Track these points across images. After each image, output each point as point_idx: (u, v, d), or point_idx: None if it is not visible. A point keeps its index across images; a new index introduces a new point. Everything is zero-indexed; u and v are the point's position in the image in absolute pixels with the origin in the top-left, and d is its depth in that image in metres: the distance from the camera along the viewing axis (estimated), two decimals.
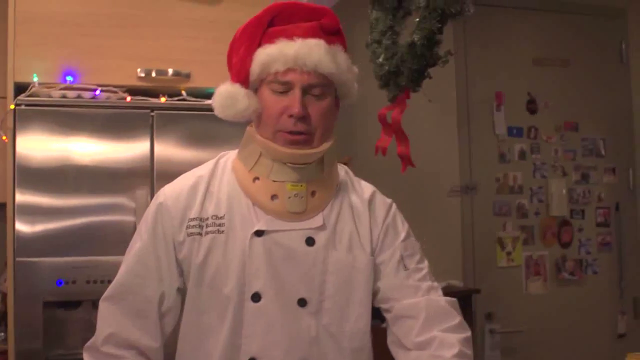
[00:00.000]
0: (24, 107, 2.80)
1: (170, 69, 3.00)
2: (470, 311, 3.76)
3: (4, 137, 2.88)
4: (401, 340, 1.65)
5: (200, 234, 1.63)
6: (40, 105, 2.82)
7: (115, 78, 2.96)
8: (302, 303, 1.61)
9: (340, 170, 1.77)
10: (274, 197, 1.63)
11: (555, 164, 4.23)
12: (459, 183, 3.99)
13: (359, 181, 1.80)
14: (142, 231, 1.67)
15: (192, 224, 1.64)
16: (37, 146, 2.79)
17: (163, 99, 2.96)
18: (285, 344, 1.60)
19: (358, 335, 1.66)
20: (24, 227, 2.75)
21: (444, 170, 3.99)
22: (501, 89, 4.11)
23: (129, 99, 2.92)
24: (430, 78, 2.27)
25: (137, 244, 1.67)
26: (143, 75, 2.97)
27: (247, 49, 1.63)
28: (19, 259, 2.74)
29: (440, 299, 1.68)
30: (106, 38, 2.96)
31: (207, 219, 1.64)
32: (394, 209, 1.77)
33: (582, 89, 4.28)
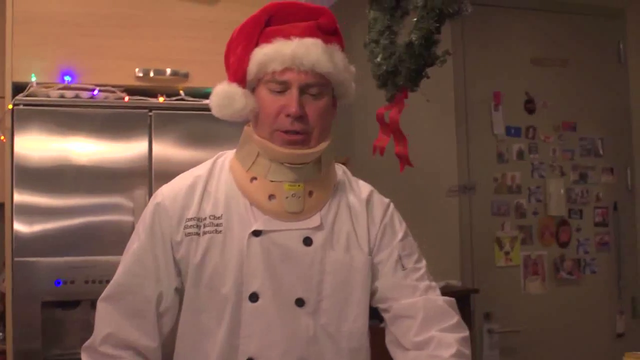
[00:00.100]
0: (22, 107, 2.80)
1: (168, 69, 3.00)
2: (469, 311, 3.76)
3: (2, 137, 2.88)
4: (399, 340, 1.65)
5: (197, 234, 1.63)
6: (39, 105, 2.82)
7: (113, 78, 2.95)
8: (300, 303, 1.61)
9: (338, 169, 1.77)
10: (271, 197, 1.63)
11: (554, 164, 4.23)
12: (457, 183, 3.99)
13: (357, 181, 1.80)
14: (140, 231, 1.67)
15: (190, 224, 1.64)
16: (35, 146, 2.79)
17: (161, 99, 2.96)
18: (283, 344, 1.60)
19: (356, 335, 1.66)
20: (22, 227, 2.75)
21: (442, 170, 3.98)
22: (499, 89, 4.11)
23: (127, 98, 2.92)
24: (428, 78, 2.27)
25: (135, 244, 1.67)
26: (141, 75, 2.97)
27: (245, 48, 1.63)
28: (17, 259, 2.74)
29: (438, 298, 1.68)
30: (104, 38, 2.96)
31: (205, 219, 1.64)
32: (391, 209, 1.77)
33: (581, 89, 4.28)
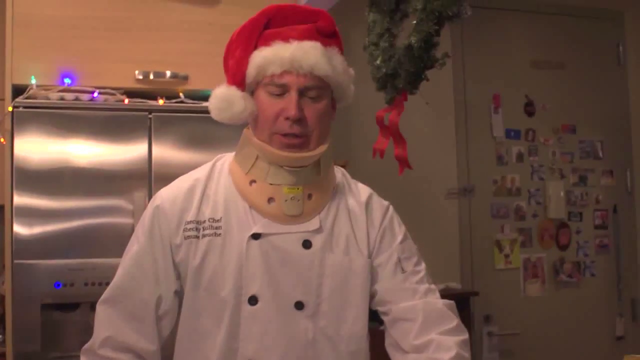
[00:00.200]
0: (21, 109, 2.80)
1: (168, 71, 3.00)
2: (469, 313, 3.76)
3: (1, 139, 2.88)
4: (399, 343, 1.65)
5: (197, 237, 1.63)
6: (38, 107, 2.82)
7: (113, 80, 2.96)
8: (299, 306, 1.61)
9: (337, 172, 1.77)
10: (270, 200, 1.63)
11: (553, 166, 4.23)
12: (457, 185, 3.98)
13: (356, 183, 1.80)
14: (139, 234, 1.67)
15: (189, 226, 1.64)
16: (35, 148, 2.79)
17: (161, 101, 2.97)
18: (282, 347, 1.60)
19: (355, 338, 1.66)
20: (22, 230, 2.76)
21: (442, 172, 3.98)
22: (499, 92, 4.11)
23: (126, 101, 2.93)
24: (428, 80, 2.27)
25: (134, 246, 1.66)
26: (141, 77, 2.98)
27: (243, 51, 1.63)
28: (17, 261, 2.75)
29: (437, 301, 1.68)
30: (104, 40, 2.97)
31: (204, 221, 1.64)
32: (391, 211, 1.77)
33: (580, 92, 4.28)
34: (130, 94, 2.96)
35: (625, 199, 4.38)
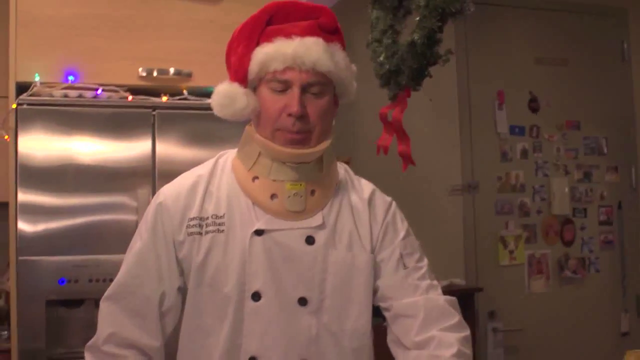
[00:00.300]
0: (25, 107, 2.81)
1: (171, 68, 3.00)
2: (473, 310, 3.76)
3: (6, 137, 2.89)
4: (400, 340, 1.65)
5: (200, 234, 1.63)
6: (42, 104, 2.82)
7: (116, 77, 2.96)
8: (303, 302, 1.61)
9: (340, 168, 1.77)
10: (273, 197, 1.63)
11: (557, 163, 4.22)
12: (461, 182, 3.99)
13: (359, 179, 1.79)
14: (142, 231, 1.67)
15: (192, 223, 1.64)
16: (39, 146, 2.79)
17: (164, 98, 2.97)
18: (285, 343, 1.60)
19: (358, 334, 1.66)
20: (26, 226, 2.76)
21: (446, 169, 3.98)
22: (503, 88, 4.11)
23: (130, 98, 2.93)
24: (431, 77, 2.27)
25: (137, 243, 1.67)
26: (144, 74, 2.98)
27: (245, 48, 1.63)
28: (21, 258, 2.75)
29: (439, 297, 1.68)
30: (107, 38, 2.97)
31: (207, 218, 1.64)
32: (393, 207, 1.76)
33: (584, 88, 4.28)
34: (133, 91, 2.96)
35: (630, 195, 4.37)
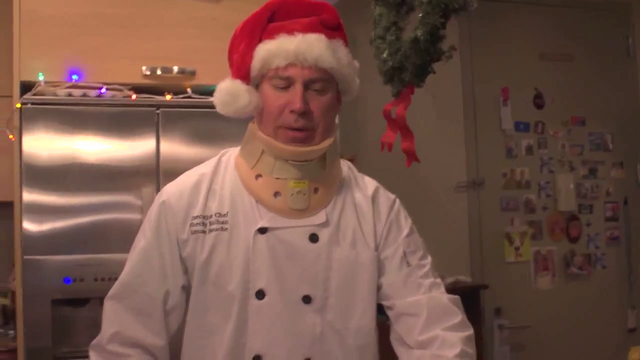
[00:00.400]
0: (30, 106, 2.81)
1: (175, 67, 3.01)
2: (479, 307, 3.75)
3: (10, 136, 2.90)
4: (403, 338, 1.65)
5: (203, 232, 1.63)
6: (46, 103, 2.83)
7: (120, 76, 2.97)
8: (307, 300, 1.61)
9: (343, 166, 1.77)
10: (276, 195, 1.63)
11: (563, 159, 4.20)
12: (466, 178, 3.97)
13: (363, 177, 1.79)
14: (146, 229, 1.67)
15: (196, 221, 1.64)
16: (43, 145, 2.80)
17: (168, 97, 2.98)
18: (290, 340, 1.60)
19: (363, 332, 1.66)
20: (31, 226, 2.77)
21: (451, 165, 3.97)
22: (507, 84, 4.09)
23: (134, 96, 2.94)
24: (434, 73, 2.26)
25: (141, 242, 1.67)
26: (148, 73, 2.99)
27: (248, 45, 1.62)
28: (26, 257, 2.76)
29: (442, 296, 1.67)
30: (111, 37, 2.98)
31: (211, 216, 1.64)
32: (397, 205, 1.76)
33: (589, 84, 4.26)
34: (137, 89, 2.97)
35: (636, 191, 4.35)
